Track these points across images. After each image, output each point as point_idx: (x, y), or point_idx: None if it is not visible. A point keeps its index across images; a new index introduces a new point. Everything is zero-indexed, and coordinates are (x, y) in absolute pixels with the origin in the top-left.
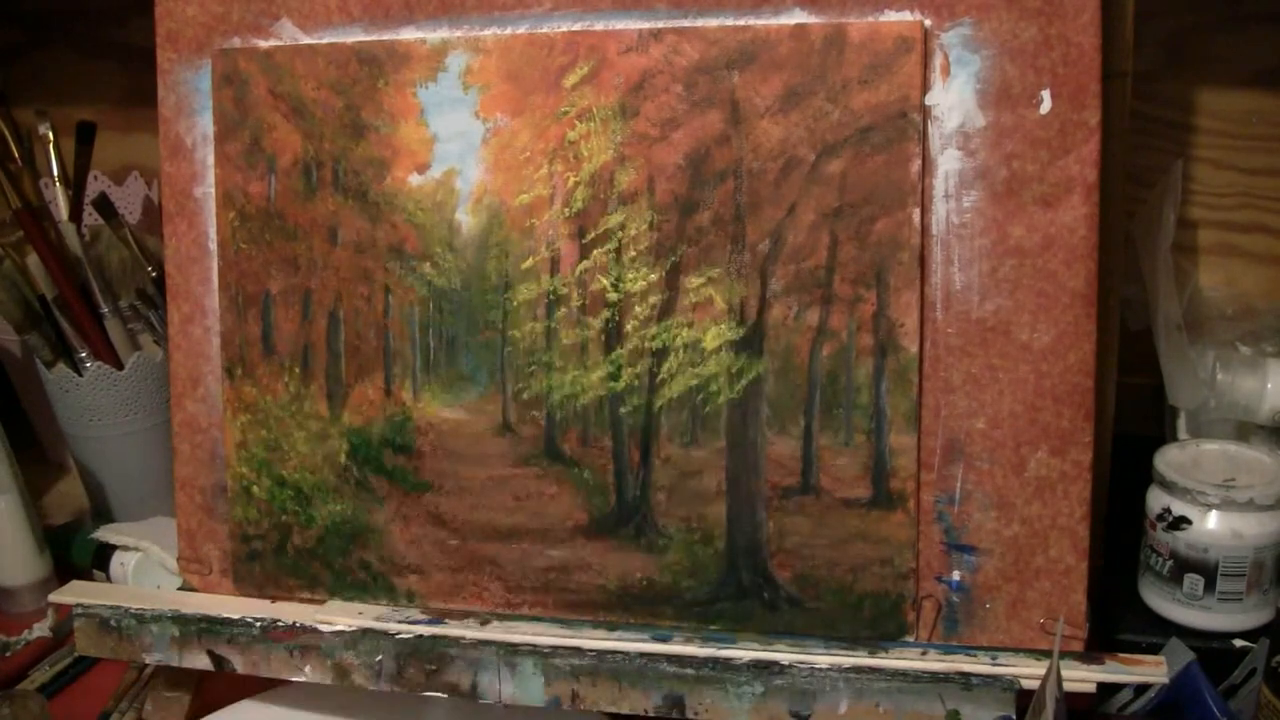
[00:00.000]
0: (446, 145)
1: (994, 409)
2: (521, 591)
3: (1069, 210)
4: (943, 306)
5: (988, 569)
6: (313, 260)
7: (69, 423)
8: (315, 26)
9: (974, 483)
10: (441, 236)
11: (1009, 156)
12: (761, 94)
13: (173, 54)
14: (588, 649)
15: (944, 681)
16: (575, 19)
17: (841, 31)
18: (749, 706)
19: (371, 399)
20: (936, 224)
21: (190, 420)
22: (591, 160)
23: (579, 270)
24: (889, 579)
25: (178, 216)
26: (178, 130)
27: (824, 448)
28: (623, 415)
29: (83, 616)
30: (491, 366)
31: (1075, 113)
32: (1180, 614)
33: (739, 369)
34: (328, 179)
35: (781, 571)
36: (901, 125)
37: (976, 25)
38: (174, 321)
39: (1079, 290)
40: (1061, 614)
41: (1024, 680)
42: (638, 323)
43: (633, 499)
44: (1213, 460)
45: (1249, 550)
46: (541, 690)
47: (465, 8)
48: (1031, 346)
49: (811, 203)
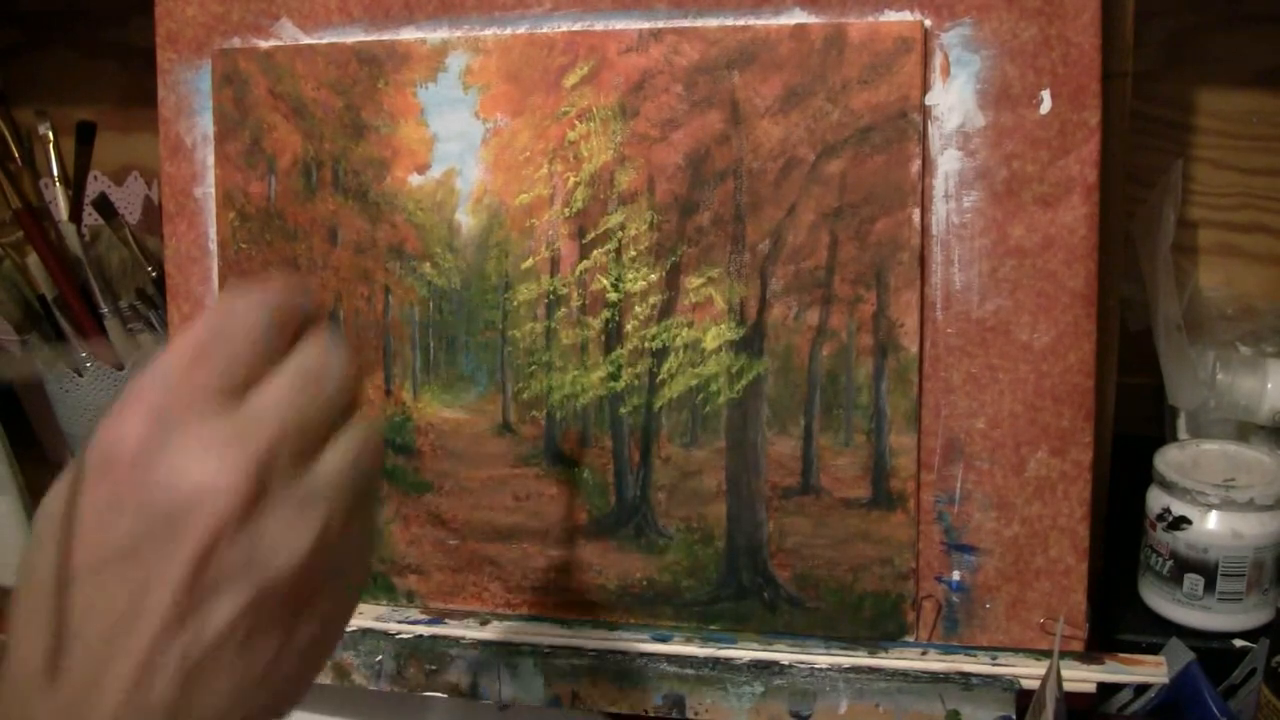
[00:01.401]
0: (446, 145)
1: (994, 409)
2: (521, 591)
3: (1069, 210)
4: (943, 306)
5: (988, 569)
6: (313, 260)
7: (69, 423)
8: (315, 26)
9: (974, 483)
10: (441, 236)
11: (1009, 156)
12: (761, 94)
13: (173, 54)
14: (588, 649)
15: (944, 681)
16: (575, 19)
17: (841, 31)
18: (749, 706)
19: (371, 399)
20: (936, 224)
21: None
22: (591, 160)
23: (579, 270)
24: (889, 579)
25: (178, 216)
26: (178, 130)
27: (824, 448)
28: (623, 415)
29: None
30: (491, 366)
31: (1075, 113)
32: (1180, 614)
33: (739, 369)
34: (328, 179)
35: (781, 571)
36: (901, 125)
37: (976, 25)
38: (174, 321)
39: (1079, 290)
40: (1061, 614)
41: (1024, 680)
42: (638, 323)
43: (633, 499)
44: (1213, 460)
45: (1249, 550)
46: (541, 690)
47: (465, 8)
48: (1031, 346)
49: (811, 203)
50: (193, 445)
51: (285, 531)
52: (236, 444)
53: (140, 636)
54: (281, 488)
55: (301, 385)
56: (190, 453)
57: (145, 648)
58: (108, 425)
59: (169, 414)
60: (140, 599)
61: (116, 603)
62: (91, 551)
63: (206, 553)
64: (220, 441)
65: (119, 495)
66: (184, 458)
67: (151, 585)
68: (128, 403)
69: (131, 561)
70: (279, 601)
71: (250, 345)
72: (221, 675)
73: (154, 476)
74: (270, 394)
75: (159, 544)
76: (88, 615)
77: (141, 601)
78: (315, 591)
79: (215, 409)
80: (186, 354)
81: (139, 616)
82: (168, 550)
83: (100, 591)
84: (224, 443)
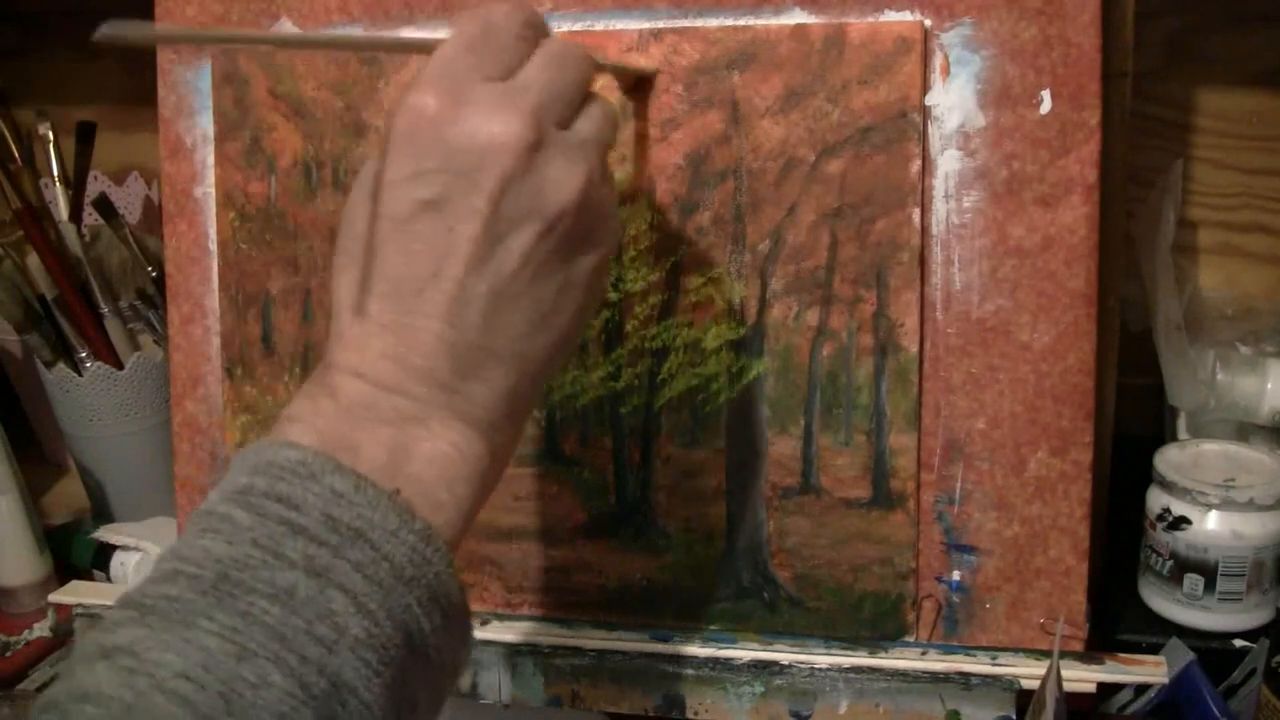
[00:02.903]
0: None
1: (994, 409)
2: (521, 591)
3: (1069, 210)
4: (943, 306)
5: (988, 569)
6: (313, 260)
7: (69, 423)
8: (315, 26)
9: (974, 483)
10: None
11: (1009, 156)
12: (761, 94)
13: (173, 54)
14: (588, 649)
15: (944, 681)
16: (575, 19)
17: (841, 32)
18: (749, 706)
19: None
20: (936, 224)
21: (190, 420)
22: None
23: None
24: (889, 579)
25: (178, 216)
26: (178, 130)
27: (824, 448)
28: (623, 415)
29: (83, 616)
30: None
31: (1075, 113)
32: (1180, 614)
33: (739, 369)
34: (328, 179)
35: (781, 571)
36: (901, 125)
37: (976, 25)
38: (174, 321)
39: (1079, 290)
40: (1061, 614)
41: (1024, 680)
42: (638, 323)
43: (633, 499)
44: (1213, 460)
45: (1249, 550)
46: (541, 690)
47: (465, 8)
48: (1031, 346)
49: (811, 203)
50: (480, 110)
51: (559, 176)
52: (514, 106)
53: (450, 273)
54: (552, 141)
55: (554, 65)
56: (479, 116)
57: (456, 282)
58: (406, 102)
59: (457, 88)
60: (447, 242)
61: (427, 247)
62: (402, 205)
63: (499, 194)
64: (502, 105)
65: (424, 155)
66: (473, 120)
67: (457, 229)
68: (420, 84)
69: (438, 210)
70: (559, 237)
71: (512, 38)
72: (520, 304)
73: (451, 136)
74: (532, 71)
75: (460, 193)
76: (402, 259)
77: (449, 243)
78: (586, 231)
79: (492, 84)
80: (462, 44)
81: (447, 256)
82: (469, 198)
83: (413, 238)
84: (505, 106)
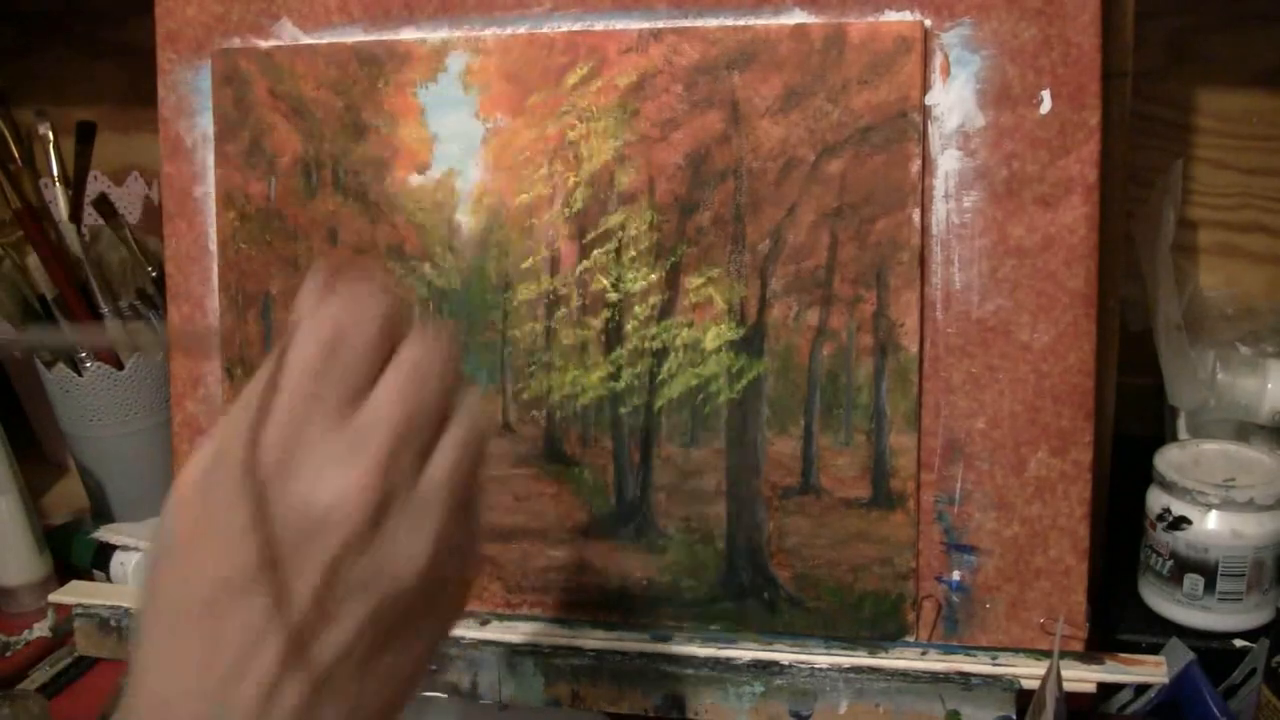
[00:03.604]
0: (446, 145)
1: (994, 409)
2: (521, 591)
3: (1069, 210)
4: (943, 306)
5: (988, 569)
6: (313, 260)
7: (69, 423)
8: (315, 26)
9: (974, 483)
10: (441, 237)
11: (1009, 156)
12: (761, 94)
13: (173, 54)
14: (588, 649)
15: (944, 681)
16: (575, 19)
17: (841, 31)
18: (749, 706)
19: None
20: (936, 224)
21: (190, 420)
22: (591, 160)
23: (579, 270)
24: (889, 579)
25: (178, 216)
26: (178, 130)
27: (824, 448)
28: (623, 415)
29: (83, 616)
30: (491, 366)
31: (1075, 113)
32: (1180, 614)
33: (739, 369)
34: (328, 179)
35: (781, 571)
36: (901, 125)
37: (976, 25)
38: (174, 322)
39: (1079, 290)
40: (1061, 614)
41: (1024, 680)
42: (638, 323)
43: (633, 499)
44: (1213, 460)
45: (1249, 550)
46: (541, 690)
47: (465, 8)
48: (1031, 346)
49: (812, 203)
50: (320, 461)
51: (406, 539)
52: (359, 456)
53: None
54: (402, 495)
55: (409, 388)
56: (319, 469)
57: (276, 660)
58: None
59: (298, 431)
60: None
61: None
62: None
63: (336, 565)
64: (345, 455)
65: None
66: (313, 475)
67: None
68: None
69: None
70: (401, 611)
71: (366, 355)
72: (347, 684)
73: (288, 497)
74: (383, 401)
75: (293, 559)
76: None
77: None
78: (432, 597)
79: (336, 422)
80: (309, 368)
81: (269, 632)
82: (300, 565)
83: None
84: (348, 456)
